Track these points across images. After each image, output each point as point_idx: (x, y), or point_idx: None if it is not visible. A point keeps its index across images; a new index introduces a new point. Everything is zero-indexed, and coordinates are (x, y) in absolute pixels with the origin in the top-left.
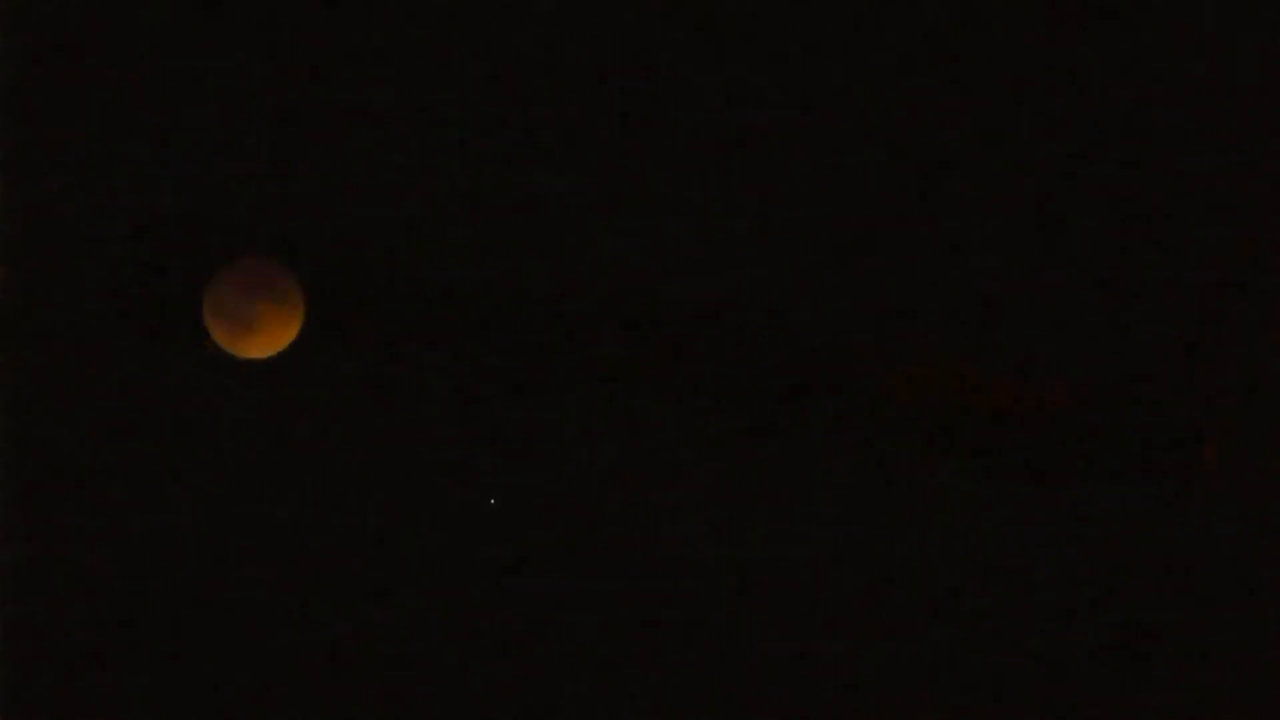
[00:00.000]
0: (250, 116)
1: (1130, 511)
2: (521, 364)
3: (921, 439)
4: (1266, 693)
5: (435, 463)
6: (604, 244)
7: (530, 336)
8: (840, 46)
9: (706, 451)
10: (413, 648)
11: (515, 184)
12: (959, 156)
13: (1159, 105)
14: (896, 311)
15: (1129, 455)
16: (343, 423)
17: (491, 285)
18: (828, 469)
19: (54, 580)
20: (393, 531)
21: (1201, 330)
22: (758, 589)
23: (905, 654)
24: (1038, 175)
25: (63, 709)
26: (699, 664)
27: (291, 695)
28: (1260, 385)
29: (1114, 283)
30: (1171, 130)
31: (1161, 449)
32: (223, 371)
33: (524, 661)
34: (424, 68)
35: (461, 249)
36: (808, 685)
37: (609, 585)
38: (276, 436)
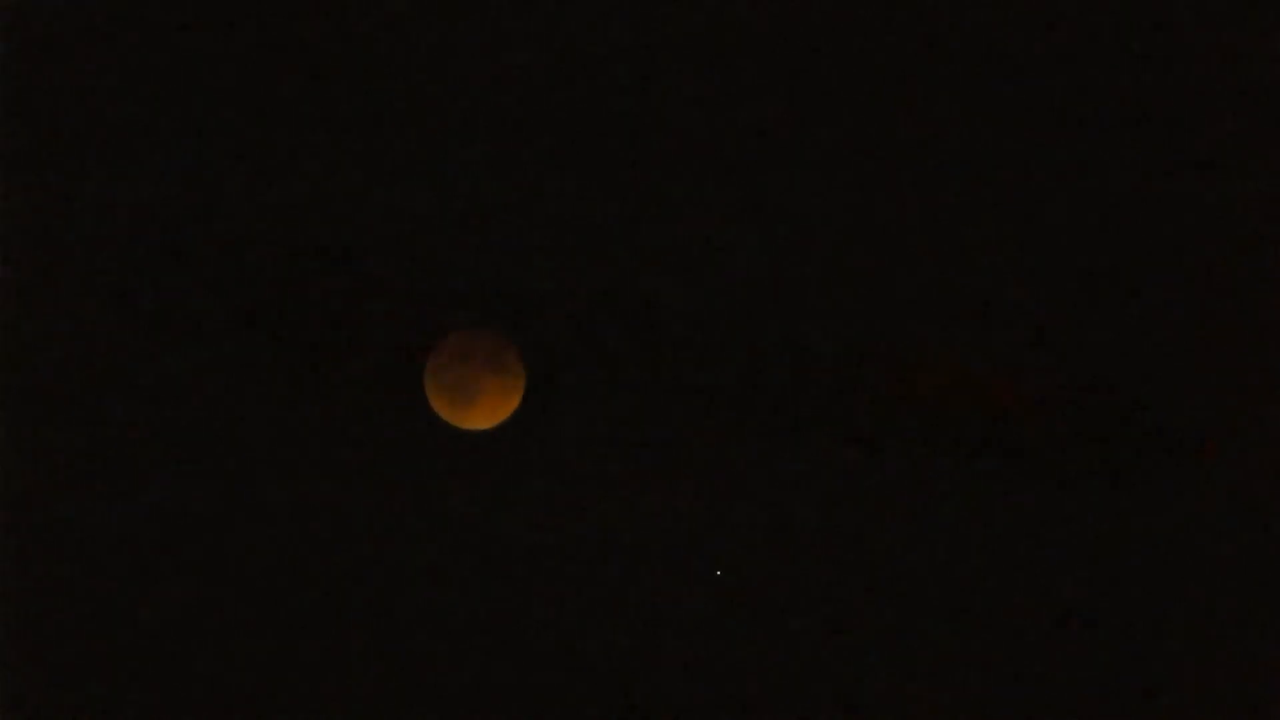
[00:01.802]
0: (472, 197)
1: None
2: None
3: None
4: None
5: (658, 532)
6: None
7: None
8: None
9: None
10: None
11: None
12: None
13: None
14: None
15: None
16: (563, 491)
17: (710, 357)
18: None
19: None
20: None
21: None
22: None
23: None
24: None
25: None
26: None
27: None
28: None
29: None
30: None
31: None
32: (444, 440)
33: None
34: (635, 141)
35: (690, 320)
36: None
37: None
38: (497, 504)
